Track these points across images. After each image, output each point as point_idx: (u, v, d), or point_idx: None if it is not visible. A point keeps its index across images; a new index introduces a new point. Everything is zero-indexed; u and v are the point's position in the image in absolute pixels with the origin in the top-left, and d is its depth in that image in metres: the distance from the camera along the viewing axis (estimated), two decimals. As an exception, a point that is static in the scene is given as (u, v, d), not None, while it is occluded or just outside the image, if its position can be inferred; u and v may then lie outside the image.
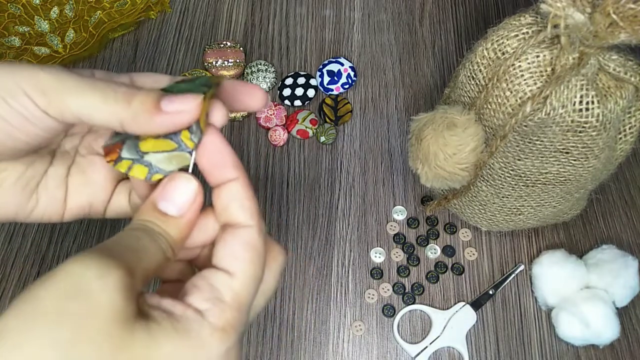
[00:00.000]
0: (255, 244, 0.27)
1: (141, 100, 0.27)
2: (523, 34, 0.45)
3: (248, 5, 0.76)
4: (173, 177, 0.28)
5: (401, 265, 0.59)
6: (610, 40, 0.40)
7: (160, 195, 0.28)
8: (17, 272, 0.59)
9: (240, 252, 0.27)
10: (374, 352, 0.56)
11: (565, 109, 0.43)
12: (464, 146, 0.46)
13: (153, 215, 0.27)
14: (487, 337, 0.56)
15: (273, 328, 0.57)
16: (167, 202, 0.27)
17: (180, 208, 0.27)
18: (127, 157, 0.28)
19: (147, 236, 0.26)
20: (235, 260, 0.27)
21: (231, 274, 0.26)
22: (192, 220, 0.28)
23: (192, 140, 0.27)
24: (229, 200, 0.28)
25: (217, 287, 0.26)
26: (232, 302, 0.26)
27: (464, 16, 0.75)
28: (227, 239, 0.27)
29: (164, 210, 0.27)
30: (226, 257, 0.27)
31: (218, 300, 0.26)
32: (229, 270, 0.27)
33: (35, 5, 0.72)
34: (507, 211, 0.55)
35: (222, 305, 0.25)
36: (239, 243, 0.27)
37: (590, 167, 0.47)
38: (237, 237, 0.27)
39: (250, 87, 0.32)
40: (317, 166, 0.65)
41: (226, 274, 0.26)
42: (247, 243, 0.27)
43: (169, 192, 0.28)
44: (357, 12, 0.75)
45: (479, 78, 0.48)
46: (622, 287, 0.54)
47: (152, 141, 0.28)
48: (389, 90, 0.70)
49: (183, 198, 0.28)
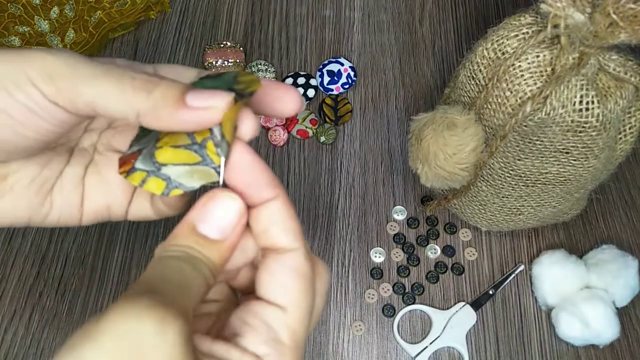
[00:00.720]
0: (304, 270, 0.24)
1: (163, 91, 0.24)
2: (523, 34, 0.45)
3: (248, 5, 0.76)
4: (213, 196, 0.24)
5: (401, 265, 0.59)
6: (610, 40, 0.40)
7: (199, 216, 0.24)
8: (17, 272, 0.59)
9: (290, 282, 0.24)
10: (374, 352, 0.56)
11: (565, 109, 0.43)
12: (464, 146, 0.46)
13: (192, 239, 0.24)
14: (487, 337, 0.56)
15: (273, 328, 0.57)
16: (208, 225, 0.24)
17: (223, 231, 0.24)
18: (141, 169, 0.25)
19: (191, 267, 0.23)
20: (286, 292, 0.24)
21: (284, 308, 0.24)
22: (235, 243, 0.25)
23: (218, 154, 0.24)
24: (269, 223, 0.25)
25: (272, 326, 0.23)
26: (290, 343, 0.23)
27: (464, 16, 0.75)
28: (272, 266, 0.24)
29: (204, 234, 0.24)
30: (275, 289, 0.24)
31: (276, 342, 0.23)
32: (281, 305, 0.24)
33: (35, 5, 0.72)
34: (507, 211, 0.55)
35: (281, 348, 0.23)
36: (287, 271, 0.24)
37: (590, 167, 0.47)
38: (283, 264, 0.24)
39: (284, 88, 0.28)
40: (317, 166, 0.65)
41: (279, 309, 0.24)
42: (295, 270, 0.24)
43: (210, 213, 0.24)
44: (357, 12, 0.75)
45: (479, 78, 0.48)
46: (622, 287, 0.54)
47: (171, 151, 0.25)
48: (389, 90, 0.70)
49: (226, 220, 0.24)
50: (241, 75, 0.26)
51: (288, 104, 0.28)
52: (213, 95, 0.24)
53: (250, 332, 0.23)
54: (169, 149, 0.25)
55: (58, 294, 0.58)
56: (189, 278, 0.22)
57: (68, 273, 0.59)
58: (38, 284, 0.58)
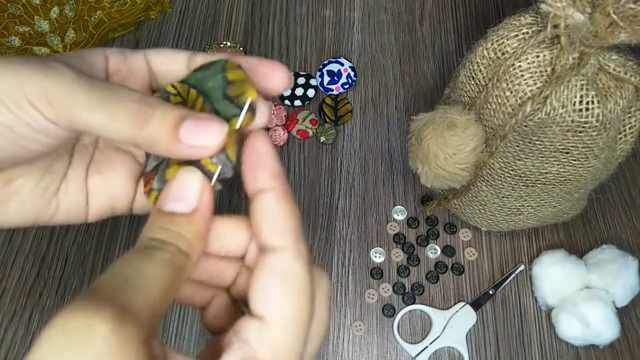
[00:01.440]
0: (291, 272, 0.22)
1: (157, 125, 0.23)
2: (523, 34, 0.45)
3: (248, 5, 0.76)
4: (173, 176, 0.25)
5: (401, 265, 0.59)
6: (610, 40, 0.40)
7: (163, 198, 0.24)
8: (17, 272, 0.59)
9: (272, 287, 0.21)
10: (374, 352, 0.56)
11: (565, 109, 0.43)
12: (464, 146, 0.46)
13: (160, 221, 0.23)
14: (487, 337, 0.56)
15: (273, 328, 0.57)
16: (172, 201, 0.24)
17: (189, 202, 0.24)
18: (156, 188, 0.26)
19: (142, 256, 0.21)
20: (268, 301, 0.21)
21: (266, 320, 0.21)
22: (206, 215, 0.24)
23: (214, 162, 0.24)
24: (260, 217, 0.23)
25: (249, 343, 0.21)
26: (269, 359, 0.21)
27: (464, 16, 0.75)
28: (259, 272, 0.22)
29: (170, 210, 0.23)
30: (259, 299, 0.22)
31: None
32: (263, 316, 0.21)
33: (35, 5, 0.72)
34: (507, 211, 0.55)
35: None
36: (270, 275, 0.22)
37: (590, 167, 0.47)
38: (266, 266, 0.22)
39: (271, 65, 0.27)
40: (317, 166, 0.65)
41: (259, 321, 0.21)
42: (278, 273, 0.22)
43: (173, 190, 0.24)
44: (357, 12, 0.75)
45: (479, 78, 0.48)
46: (622, 287, 0.54)
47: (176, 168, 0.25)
48: (389, 90, 0.70)
49: (189, 191, 0.24)
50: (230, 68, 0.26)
51: (276, 81, 0.27)
52: (207, 131, 0.23)
53: (228, 352, 0.21)
54: (174, 167, 0.25)
55: (58, 294, 0.58)
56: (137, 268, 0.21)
57: (68, 273, 0.59)
58: (38, 284, 0.58)
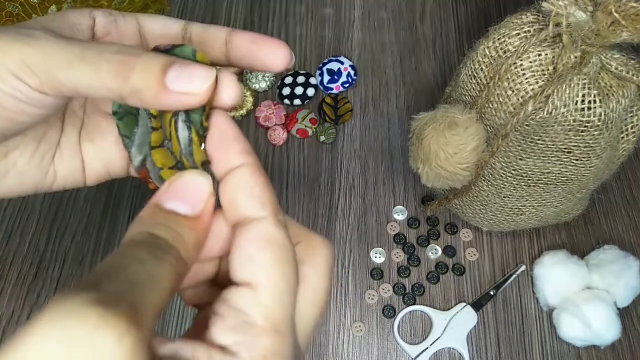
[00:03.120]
0: (274, 238, 0.22)
1: (141, 75, 0.22)
2: (525, 33, 0.44)
3: (247, 3, 0.76)
4: (181, 174, 0.23)
5: (402, 266, 0.59)
6: (612, 39, 0.40)
7: (167, 194, 0.23)
8: (16, 272, 0.59)
9: (257, 253, 0.21)
10: (375, 353, 0.56)
11: (568, 108, 0.42)
12: (466, 146, 0.46)
13: (160, 218, 0.22)
14: (489, 338, 0.56)
15: (273, 329, 0.57)
16: (176, 200, 0.22)
17: (194, 206, 0.22)
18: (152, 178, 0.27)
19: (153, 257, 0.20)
20: (253, 267, 0.21)
21: (254, 286, 0.21)
22: (209, 222, 0.23)
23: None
24: (236, 192, 0.23)
25: (242, 310, 0.20)
26: (265, 323, 0.20)
27: (466, 15, 0.75)
28: (239, 242, 0.22)
29: (172, 209, 0.22)
30: (242, 265, 0.21)
31: (247, 326, 0.20)
32: (251, 282, 0.21)
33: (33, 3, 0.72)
34: (508, 211, 0.55)
35: (254, 331, 0.20)
36: (253, 243, 0.22)
37: (592, 167, 0.47)
38: (248, 235, 0.22)
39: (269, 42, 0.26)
40: (317, 166, 0.65)
41: (247, 288, 0.21)
42: (261, 240, 0.22)
43: (178, 189, 0.23)
44: (357, 11, 0.75)
45: (480, 77, 0.47)
46: (624, 288, 0.54)
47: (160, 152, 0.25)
48: (390, 90, 0.69)
49: (196, 194, 0.23)
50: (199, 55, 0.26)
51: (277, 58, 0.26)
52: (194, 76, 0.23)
53: (217, 322, 0.20)
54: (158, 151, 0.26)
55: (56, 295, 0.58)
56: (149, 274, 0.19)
57: (66, 273, 0.59)
58: (36, 285, 0.58)
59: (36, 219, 0.61)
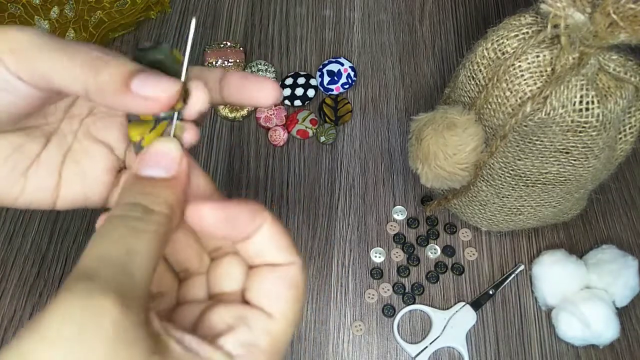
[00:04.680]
0: (298, 283, 0.25)
1: (111, 73, 0.24)
2: (523, 34, 0.45)
3: (248, 5, 0.76)
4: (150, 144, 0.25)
5: (401, 265, 0.59)
6: (610, 40, 0.40)
7: (141, 163, 0.25)
8: (17, 272, 0.59)
9: (283, 291, 0.24)
10: (374, 352, 0.56)
11: (565, 109, 0.43)
12: (464, 146, 0.46)
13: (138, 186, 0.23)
14: (487, 337, 0.56)
15: (273, 328, 0.57)
16: (151, 166, 0.24)
17: (168, 168, 0.24)
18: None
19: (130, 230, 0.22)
20: (275, 300, 0.24)
21: (270, 315, 0.24)
22: (185, 182, 0.25)
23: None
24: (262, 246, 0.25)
25: (253, 330, 0.23)
26: (268, 348, 0.23)
27: (464, 16, 0.75)
28: (266, 274, 0.25)
29: (149, 175, 0.24)
30: (266, 296, 0.24)
31: (253, 346, 0.23)
32: (268, 311, 0.24)
33: (35, 5, 0.72)
34: (507, 211, 0.55)
35: (256, 351, 0.23)
36: (281, 282, 0.24)
37: (590, 167, 0.47)
38: (279, 275, 0.25)
39: (258, 80, 0.29)
40: (317, 166, 0.65)
41: (264, 314, 0.24)
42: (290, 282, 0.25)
43: (151, 156, 0.25)
44: (357, 12, 0.75)
45: (479, 78, 0.48)
46: (622, 287, 0.54)
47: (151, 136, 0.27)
48: (389, 90, 0.70)
49: (168, 157, 0.25)
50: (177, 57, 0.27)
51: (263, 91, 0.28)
52: (159, 83, 0.24)
53: (229, 332, 0.23)
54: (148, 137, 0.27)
55: (58, 294, 0.58)
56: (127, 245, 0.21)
57: (68, 273, 0.59)
58: (38, 284, 0.58)
59: (38, 218, 0.62)
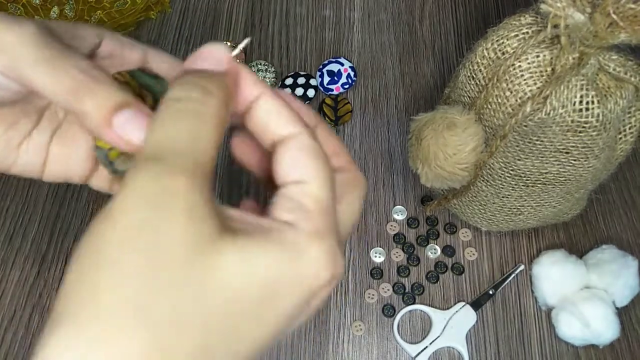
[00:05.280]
0: (313, 148, 0.25)
1: (95, 103, 0.24)
2: (523, 34, 0.45)
3: (248, 5, 0.76)
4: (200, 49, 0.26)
5: (401, 265, 0.59)
6: (610, 40, 0.40)
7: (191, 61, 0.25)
8: (17, 272, 0.59)
9: (302, 157, 0.24)
10: (374, 352, 0.56)
11: (565, 109, 0.43)
12: (464, 146, 0.46)
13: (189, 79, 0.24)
14: (487, 337, 0.56)
15: (273, 328, 0.57)
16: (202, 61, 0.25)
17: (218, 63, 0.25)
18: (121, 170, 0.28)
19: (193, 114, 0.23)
20: (301, 168, 0.24)
21: (303, 181, 0.24)
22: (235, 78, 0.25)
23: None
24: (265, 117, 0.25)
25: (294, 198, 0.24)
26: (315, 207, 0.24)
27: (464, 16, 0.75)
28: (281, 152, 0.25)
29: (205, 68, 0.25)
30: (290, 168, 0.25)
31: (301, 209, 0.23)
32: (300, 180, 0.24)
33: (35, 5, 0.72)
34: (507, 211, 0.55)
35: (307, 212, 0.23)
36: (296, 151, 0.25)
37: (590, 167, 0.47)
38: (290, 146, 0.25)
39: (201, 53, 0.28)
40: (317, 166, 0.65)
41: (297, 183, 0.24)
42: (303, 148, 0.25)
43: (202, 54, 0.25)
44: (357, 12, 0.75)
45: (479, 78, 0.48)
46: (622, 287, 0.54)
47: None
48: (389, 90, 0.70)
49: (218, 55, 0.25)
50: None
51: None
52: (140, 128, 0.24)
53: (275, 206, 0.24)
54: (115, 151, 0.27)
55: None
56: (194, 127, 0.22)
57: (68, 273, 0.59)
58: (38, 284, 0.58)
59: (38, 218, 0.62)
